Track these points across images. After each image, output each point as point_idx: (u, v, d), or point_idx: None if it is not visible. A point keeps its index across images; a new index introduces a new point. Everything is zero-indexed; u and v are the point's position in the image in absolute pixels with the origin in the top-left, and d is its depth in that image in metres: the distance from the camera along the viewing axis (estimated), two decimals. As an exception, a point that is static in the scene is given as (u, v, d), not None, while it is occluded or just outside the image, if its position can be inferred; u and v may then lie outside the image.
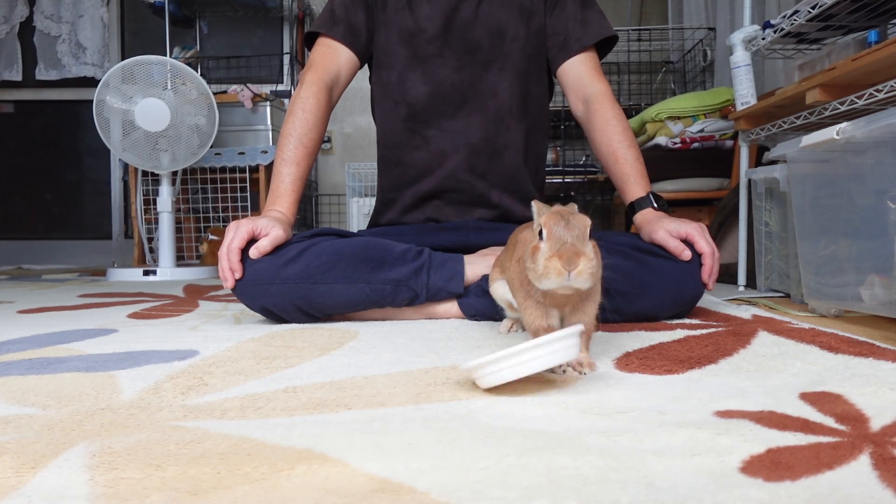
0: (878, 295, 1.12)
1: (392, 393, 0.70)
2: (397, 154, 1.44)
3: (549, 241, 0.73)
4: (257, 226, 1.18)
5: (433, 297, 1.22)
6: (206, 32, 3.87)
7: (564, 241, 0.72)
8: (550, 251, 0.72)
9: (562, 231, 0.73)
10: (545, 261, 0.72)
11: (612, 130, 1.32)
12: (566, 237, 0.73)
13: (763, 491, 0.43)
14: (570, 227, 0.73)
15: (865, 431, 0.55)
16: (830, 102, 1.40)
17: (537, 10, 1.43)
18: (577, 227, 0.73)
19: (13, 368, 0.86)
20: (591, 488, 0.44)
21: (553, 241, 0.73)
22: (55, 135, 4.14)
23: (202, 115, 2.65)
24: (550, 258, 0.72)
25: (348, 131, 4.01)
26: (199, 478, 0.47)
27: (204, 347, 0.99)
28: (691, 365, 0.81)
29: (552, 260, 0.72)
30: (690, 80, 3.50)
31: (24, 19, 4.02)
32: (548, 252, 0.73)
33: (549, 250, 0.72)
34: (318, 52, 1.41)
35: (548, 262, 0.72)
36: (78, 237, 4.11)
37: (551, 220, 0.74)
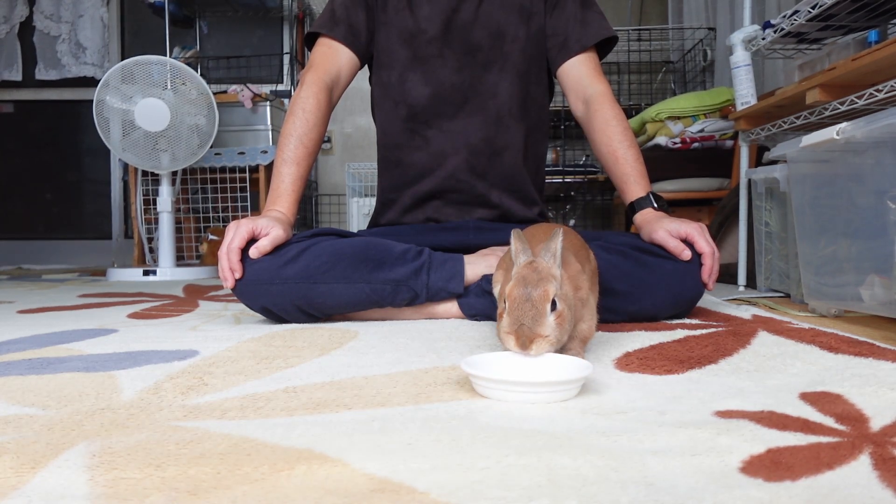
0: (878, 295, 1.12)
1: (392, 393, 0.70)
2: (397, 154, 1.44)
3: (509, 316, 0.76)
4: (257, 226, 1.18)
5: (433, 297, 1.22)
6: (206, 32, 3.87)
7: (522, 324, 0.74)
8: (509, 328, 0.75)
9: (521, 310, 0.75)
10: (504, 334, 0.76)
11: (612, 130, 1.32)
12: (524, 318, 0.75)
13: (763, 491, 0.43)
14: (529, 304, 0.75)
15: (865, 431, 0.55)
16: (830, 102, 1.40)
17: (537, 10, 1.43)
18: (536, 306, 0.75)
19: (13, 368, 0.86)
20: (591, 488, 0.44)
21: (512, 319, 0.75)
22: (55, 135, 4.14)
23: (202, 115, 2.65)
24: (508, 335, 0.75)
25: (348, 131, 4.01)
26: (199, 478, 0.47)
27: (204, 347, 0.99)
28: (691, 365, 0.81)
29: (508, 337, 0.75)
30: (690, 80, 3.50)
31: (24, 19, 4.02)
32: (506, 328, 0.76)
33: (508, 327, 0.76)
34: (319, 53, 1.41)
35: (506, 337, 0.76)
36: (78, 237, 4.11)
37: (514, 293, 0.76)
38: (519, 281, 0.77)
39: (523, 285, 0.76)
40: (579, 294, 0.86)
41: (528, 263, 0.80)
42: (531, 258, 0.81)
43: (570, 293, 0.82)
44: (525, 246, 0.82)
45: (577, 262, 0.92)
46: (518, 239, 0.83)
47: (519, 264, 0.81)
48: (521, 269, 0.79)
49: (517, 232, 0.84)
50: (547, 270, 0.79)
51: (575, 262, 0.90)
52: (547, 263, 0.80)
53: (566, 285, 0.81)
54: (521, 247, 0.82)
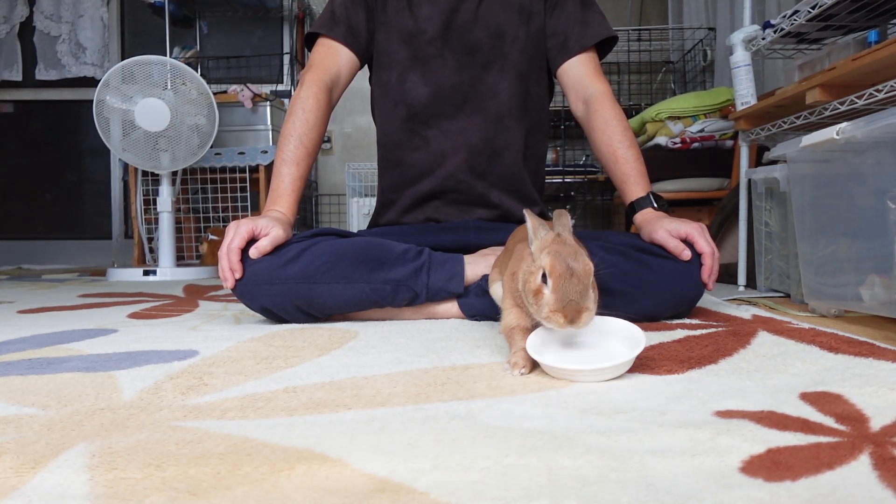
0: (878, 295, 1.12)
1: (392, 393, 0.70)
2: (397, 154, 1.44)
3: (555, 293, 0.74)
4: (257, 226, 1.18)
5: (433, 297, 1.22)
6: (206, 32, 3.87)
7: (570, 299, 0.74)
8: (556, 305, 0.74)
9: (568, 286, 0.74)
10: (549, 312, 0.75)
11: (612, 130, 1.32)
12: (571, 293, 0.74)
13: (763, 491, 0.43)
14: (575, 279, 0.74)
15: (865, 431, 0.55)
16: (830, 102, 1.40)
17: (537, 10, 1.43)
18: (582, 280, 0.75)
19: (13, 368, 0.86)
20: (591, 488, 0.44)
21: (559, 295, 0.74)
22: (55, 135, 4.14)
23: (202, 115, 2.65)
24: (555, 312, 0.74)
25: (348, 131, 4.01)
26: (199, 478, 0.47)
27: (204, 347, 0.99)
28: (691, 365, 0.81)
29: (556, 315, 0.74)
30: (690, 80, 3.50)
31: (24, 19, 4.02)
32: (553, 304, 0.74)
33: (555, 304, 0.74)
34: (319, 53, 1.41)
35: (552, 315, 0.75)
36: (78, 237, 4.11)
37: (557, 268, 0.75)
38: (557, 256, 0.75)
39: (563, 259, 0.75)
40: None
41: (557, 237, 0.79)
42: (555, 232, 0.80)
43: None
44: (542, 221, 0.82)
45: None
46: (533, 216, 0.82)
47: (543, 238, 0.79)
48: (552, 244, 0.77)
49: (529, 211, 0.83)
50: (575, 244, 0.79)
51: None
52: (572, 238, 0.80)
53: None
54: (538, 222, 0.81)
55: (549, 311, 0.75)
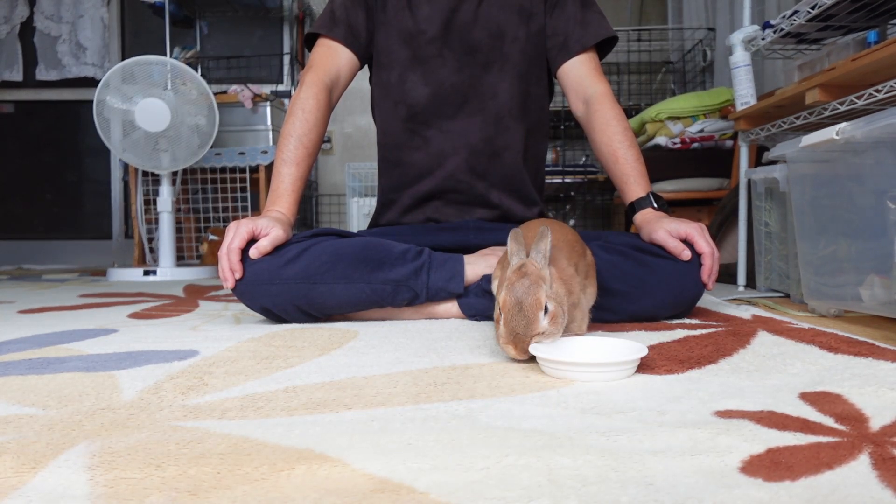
0: (877, 295, 1.12)
1: (392, 393, 0.70)
2: (397, 155, 1.44)
3: (506, 326, 0.81)
4: (257, 226, 1.18)
5: (433, 297, 1.22)
6: (206, 32, 3.87)
7: (517, 332, 0.80)
8: (505, 338, 0.81)
9: (514, 320, 0.80)
10: (503, 344, 0.82)
11: (612, 131, 1.32)
12: (518, 327, 0.80)
13: (763, 491, 0.43)
14: (522, 312, 0.80)
15: (865, 431, 0.55)
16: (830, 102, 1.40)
17: (537, 11, 1.43)
18: (528, 313, 0.80)
19: (13, 368, 0.86)
20: (591, 488, 0.44)
21: (508, 329, 0.81)
22: (55, 135, 4.14)
23: (202, 115, 2.65)
24: (506, 345, 0.81)
25: (348, 131, 4.01)
26: (199, 478, 0.47)
27: (204, 347, 0.99)
28: (691, 365, 0.81)
29: (507, 346, 0.81)
30: (690, 80, 3.50)
31: (25, 19, 4.02)
32: (504, 338, 0.81)
33: (503, 337, 0.81)
34: (318, 53, 1.41)
35: (505, 347, 0.81)
36: (78, 237, 4.11)
37: (507, 303, 0.81)
38: (509, 289, 0.81)
39: (513, 293, 0.80)
40: (571, 298, 0.87)
41: (519, 268, 0.83)
42: (523, 260, 0.83)
43: (561, 291, 0.84)
44: (520, 247, 0.84)
45: (571, 259, 0.93)
46: (514, 240, 0.84)
47: (511, 268, 0.83)
48: (511, 276, 0.82)
49: (515, 232, 0.85)
50: (536, 274, 0.82)
51: (568, 265, 0.91)
52: (537, 266, 0.82)
53: (556, 284, 0.83)
54: (516, 248, 0.84)
55: (502, 343, 0.82)
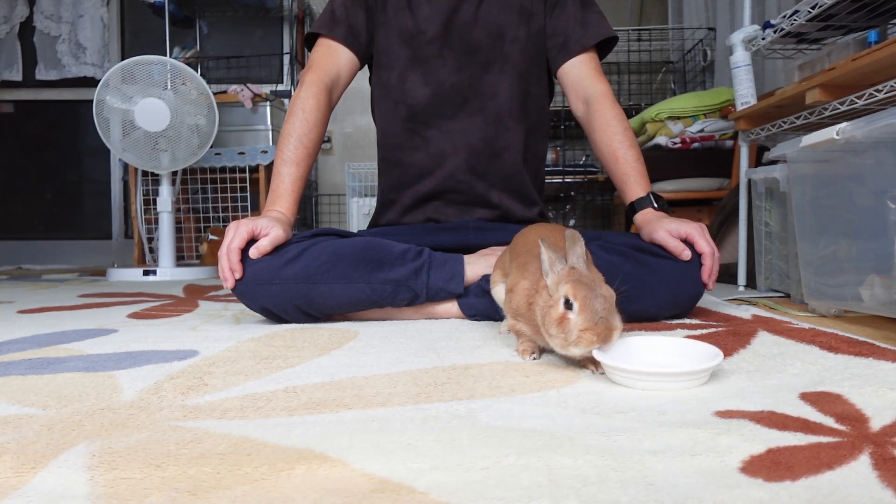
0: (878, 295, 1.12)
1: (392, 393, 0.70)
2: (397, 155, 1.44)
3: (583, 313, 0.75)
4: (257, 226, 1.18)
5: (433, 297, 1.22)
6: (206, 32, 3.87)
7: (600, 315, 0.74)
8: (586, 323, 0.74)
9: (595, 304, 0.75)
10: (579, 332, 0.74)
11: (612, 131, 1.32)
12: (600, 311, 0.75)
13: (763, 491, 0.43)
14: (601, 298, 0.75)
15: (865, 431, 0.55)
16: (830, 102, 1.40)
17: (537, 11, 1.43)
18: (608, 301, 0.76)
19: (13, 368, 0.86)
20: (591, 488, 0.44)
21: (587, 314, 0.74)
22: (55, 135, 4.14)
23: (202, 115, 2.65)
24: (585, 330, 0.74)
25: (348, 131, 4.01)
26: (199, 478, 0.47)
27: (204, 347, 0.99)
28: (691, 365, 0.81)
29: (587, 333, 0.74)
30: (690, 80, 3.50)
31: (24, 19, 4.02)
32: (582, 324, 0.74)
33: (584, 322, 0.74)
34: (318, 53, 1.41)
35: (583, 334, 0.74)
36: (78, 237, 4.11)
37: (581, 291, 0.75)
38: (579, 283, 0.76)
39: (587, 286, 0.76)
40: None
41: (571, 269, 0.79)
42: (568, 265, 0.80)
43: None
44: (559, 254, 0.81)
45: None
46: (548, 248, 0.81)
47: (559, 272, 0.80)
48: (568, 276, 0.78)
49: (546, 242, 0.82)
50: (591, 274, 0.80)
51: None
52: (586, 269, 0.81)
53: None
54: (555, 256, 0.81)
55: (580, 332, 0.74)
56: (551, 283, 0.80)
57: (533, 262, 0.87)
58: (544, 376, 0.77)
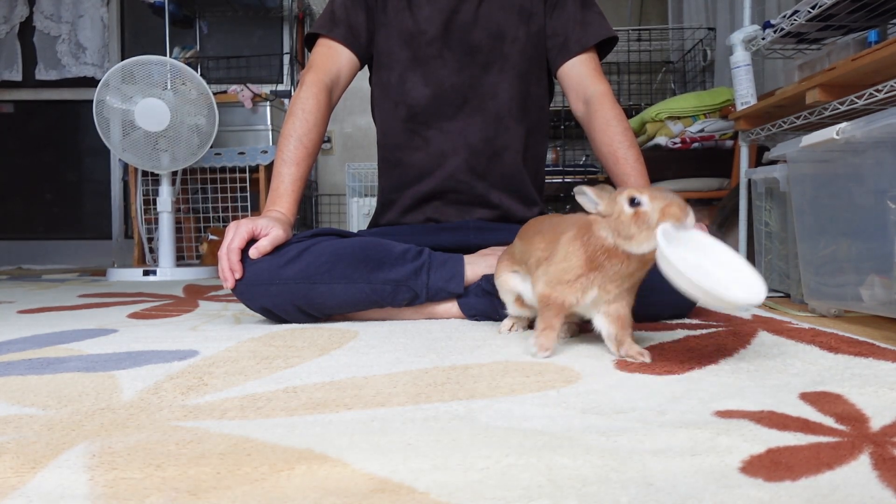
0: (878, 295, 1.12)
1: (392, 393, 0.70)
2: (397, 155, 1.44)
3: (655, 200, 0.79)
4: (257, 226, 1.18)
5: (433, 297, 1.22)
6: (206, 32, 3.87)
7: (675, 200, 0.79)
8: (661, 203, 0.78)
9: (664, 195, 0.79)
10: (660, 210, 0.78)
11: (612, 131, 1.32)
12: (670, 195, 0.79)
13: (763, 491, 0.43)
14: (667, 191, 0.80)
15: (865, 431, 0.55)
16: (830, 102, 1.40)
17: (537, 11, 1.43)
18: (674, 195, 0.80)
19: (13, 368, 0.86)
20: (591, 488, 0.44)
21: (660, 198, 0.79)
22: (55, 135, 4.14)
23: (202, 115, 2.65)
24: (667, 206, 0.78)
25: (348, 131, 4.01)
26: (199, 478, 0.47)
27: (204, 347, 0.99)
28: (691, 365, 0.81)
29: (671, 207, 0.78)
30: (690, 80, 3.50)
31: (24, 19, 4.02)
32: (660, 205, 0.78)
33: (660, 203, 0.78)
34: (318, 53, 1.41)
35: (666, 209, 0.78)
36: (78, 237, 4.11)
37: (646, 189, 0.81)
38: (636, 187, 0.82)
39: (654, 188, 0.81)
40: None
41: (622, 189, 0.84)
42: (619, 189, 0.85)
43: None
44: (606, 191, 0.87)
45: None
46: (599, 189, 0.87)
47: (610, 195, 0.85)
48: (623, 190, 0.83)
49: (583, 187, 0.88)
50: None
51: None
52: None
53: None
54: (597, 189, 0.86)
55: (661, 210, 0.78)
56: (605, 205, 0.85)
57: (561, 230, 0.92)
58: (544, 376, 0.77)
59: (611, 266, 0.86)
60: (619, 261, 0.85)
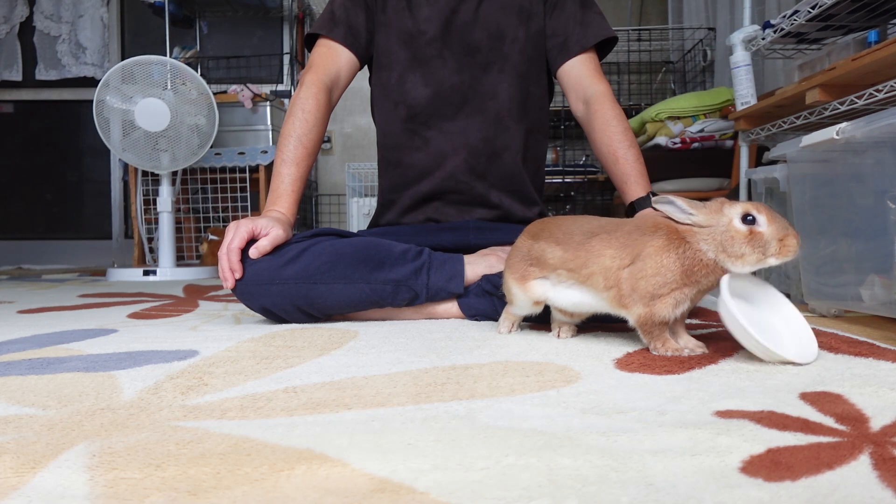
0: (878, 295, 1.12)
1: (392, 393, 0.70)
2: (397, 155, 1.44)
3: (773, 223, 0.81)
4: (257, 226, 1.18)
5: (433, 297, 1.22)
6: (206, 32, 3.87)
7: (787, 226, 0.81)
8: (780, 232, 0.80)
9: (779, 218, 0.81)
10: (779, 241, 0.80)
11: (612, 131, 1.32)
12: (784, 221, 0.82)
13: (763, 491, 0.43)
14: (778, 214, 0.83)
15: (865, 431, 0.55)
16: (830, 102, 1.40)
17: (537, 11, 1.43)
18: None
19: (13, 368, 0.86)
20: (591, 488, 0.44)
21: (778, 222, 0.81)
22: (55, 135, 4.14)
23: (202, 115, 2.65)
24: (785, 237, 0.80)
25: (348, 131, 4.01)
26: (199, 478, 0.47)
27: (204, 347, 0.99)
28: (691, 365, 0.81)
29: (788, 238, 0.80)
30: (690, 80, 3.50)
31: (24, 19, 4.02)
32: (780, 232, 0.80)
33: (779, 231, 0.80)
34: (318, 54, 1.41)
35: (784, 241, 0.80)
36: (78, 237, 4.11)
37: (761, 207, 0.82)
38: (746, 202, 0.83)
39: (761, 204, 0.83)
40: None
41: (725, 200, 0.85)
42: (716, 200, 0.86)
43: None
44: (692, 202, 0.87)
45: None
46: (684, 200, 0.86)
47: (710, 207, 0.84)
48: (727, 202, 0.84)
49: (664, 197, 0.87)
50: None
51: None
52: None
53: None
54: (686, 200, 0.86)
55: (779, 240, 0.80)
56: (704, 216, 0.84)
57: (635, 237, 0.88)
58: (544, 376, 0.77)
59: (706, 281, 0.84)
60: (717, 276, 0.84)
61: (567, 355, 0.89)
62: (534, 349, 0.93)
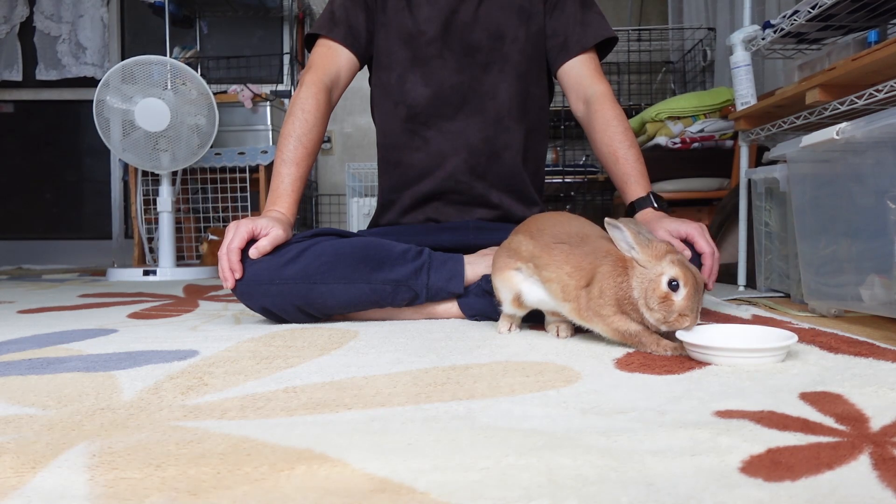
0: (878, 295, 1.12)
1: (392, 393, 0.70)
2: (397, 155, 1.44)
3: (687, 300, 0.85)
4: (257, 226, 1.18)
5: (433, 297, 1.22)
6: (206, 32, 3.87)
7: (696, 309, 0.86)
8: (686, 311, 0.86)
9: (695, 296, 0.86)
10: (678, 317, 0.86)
11: (612, 131, 1.32)
12: (698, 305, 0.86)
13: (763, 491, 0.43)
14: (699, 290, 0.86)
15: (865, 431, 0.55)
16: (830, 102, 1.40)
17: (537, 11, 1.43)
18: (700, 291, 0.87)
19: (13, 368, 0.86)
20: (591, 488, 0.44)
21: (689, 303, 0.85)
22: (55, 135, 4.14)
23: (202, 115, 2.65)
24: (684, 316, 0.86)
25: (348, 131, 4.01)
26: (199, 478, 0.47)
27: (204, 347, 0.99)
28: (691, 365, 0.81)
29: (684, 319, 0.86)
30: (690, 80, 3.50)
31: (25, 19, 4.02)
32: (684, 309, 0.85)
33: (686, 310, 0.86)
34: (318, 54, 1.41)
35: (681, 318, 0.86)
36: (78, 237, 4.10)
37: (690, 279, 0.86)
38: (683, 266, 0.86)
39: (690, 270, 0.86)
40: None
41: (669, 246, 0.88)
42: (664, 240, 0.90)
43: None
44: (640, 228, 0.89)
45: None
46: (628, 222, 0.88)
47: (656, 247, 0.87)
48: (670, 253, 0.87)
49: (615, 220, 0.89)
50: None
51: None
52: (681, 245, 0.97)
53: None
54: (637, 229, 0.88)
55: (679, 315, 0.85)
56: (643, 256, 0.87)
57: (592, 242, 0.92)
58: (544, 376, 0.77)
59: (634, 315, 0.89)
60: (640, 315, 0.88)
61: (567, 355, 0.89)
62: (534, 349, 0.93)
